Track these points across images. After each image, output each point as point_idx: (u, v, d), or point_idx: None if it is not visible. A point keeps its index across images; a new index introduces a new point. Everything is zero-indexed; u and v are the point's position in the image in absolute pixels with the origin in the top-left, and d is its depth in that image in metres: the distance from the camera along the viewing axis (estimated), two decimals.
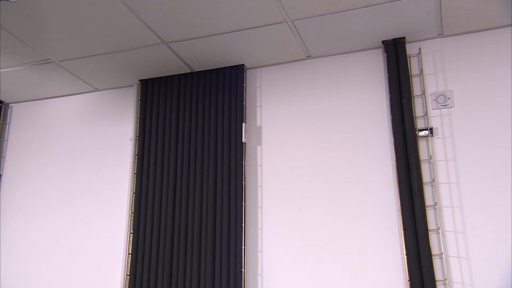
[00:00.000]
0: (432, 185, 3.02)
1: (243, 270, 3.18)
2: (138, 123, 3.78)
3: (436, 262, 2.87)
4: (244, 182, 3.38)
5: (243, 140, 3.47)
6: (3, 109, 4.25)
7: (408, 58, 3.27)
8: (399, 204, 2.99)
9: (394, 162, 3.14)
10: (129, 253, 3.43)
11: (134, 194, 3.57)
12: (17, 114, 4.28)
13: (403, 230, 2.92)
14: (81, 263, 3.60)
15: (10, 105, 4.31)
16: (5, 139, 4.20)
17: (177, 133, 3.62)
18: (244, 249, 3.23)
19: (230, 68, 3.63)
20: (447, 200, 2.98)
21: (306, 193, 3.30)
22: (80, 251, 3.64)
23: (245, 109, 3.58)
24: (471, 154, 3.01)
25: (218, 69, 3.66)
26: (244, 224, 3.29)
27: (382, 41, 3.33)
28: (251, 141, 3.57)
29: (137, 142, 3.72)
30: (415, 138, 3.06)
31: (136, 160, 3.66)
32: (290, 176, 3.38)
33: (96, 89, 4.08)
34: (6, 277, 3.71)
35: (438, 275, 2.83)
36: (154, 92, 3.78)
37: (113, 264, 3.52)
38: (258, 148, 3.54)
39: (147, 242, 3.39)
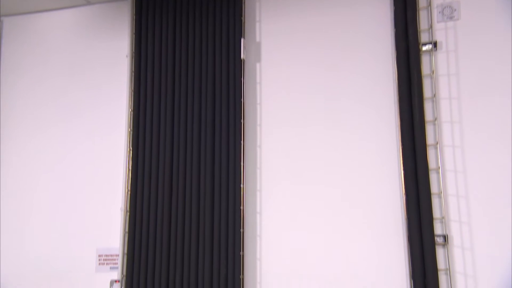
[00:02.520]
0: (433, 100, 2.98)
1: (242, 185, 3.22)
2: (133, 39, 3.66)
3: (433, 177, 2.90)
4: (243, 99, 3.34)
5: (242, 57, 3.39)
6: None
7: None
8: (399, 119, 2.97)
9: (395, 77, 3.07)
10: (129, 169, 3.46)
11: (132, 111, 3.54)
12: (9, 28, 4.15)
13: (402, 145, 2.92)
14: (81, 180, 3.65)
15: (2, 18, 4.17)
16: None
17: (174, 49, 3.53)
18: (243, 166, 3.26)
19: None
20: (447, 115, 2.95)
21: (306, 110, 3.27)
22: (80, 168, 3.68)
23: (244, 24, 3.45)
24: (475, 69, 2.94)
25: None
26: (243, 142, 3.29)
27: None
28: (250, 57, 3.48)
29: (133, 59, 3.63)
30: (418, 53, 2.97)
31: (133, 77, 3.59)
32: (289, 94, 3.33)
33: (89, 3, 3.93)
34: (5, 194, 3.78)
35: (434, 188, 2.88)
36: (149, 7, 3.63)
37: (113, 181, 3.56)
38: (257, 65, 3.46)
39: (147, 159, 3.41)
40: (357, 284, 2.93)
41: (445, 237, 2.80)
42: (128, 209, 3.39)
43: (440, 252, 2.79)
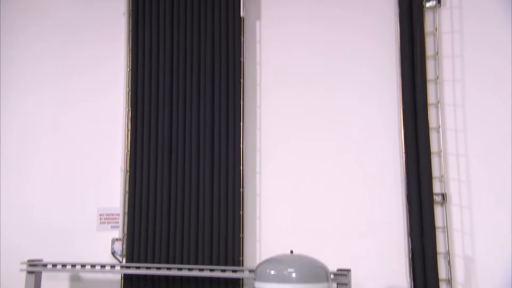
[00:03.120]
0: (435, 59, 2.94)
1: (241, 145, 3.22)
2: None
3: (433, 136, 2.89)
4: (242, 58, 3.29)
5: (241, 15, 3.32)
6: None
7: None
8: (400, 78, 2.94)
9: (397, 36, 3.02)
10: (128, 129, 3.45)
11: (130, 71, 3.49)
12: None
13: (402, 104, 2.90)
14: (81, 140, 3.64)
15: None
16: None
17: (172, 7, 3.45)
18: (243, 126, 3.24)
19: None
20: (450, 73, 2.91)
21: (306, 71, 3.23)
22: (79, 127, 3.66)
23: None
24: (479, 26, 2.88)
25: None
26: (243, 102, 3.26)
27: None
28: (249, 15, 3.41)
29: (130, 17, 3.55)
30: (421, 9, 2.91)
31: (130, 36, 3.53)
32: (289, 53, 3.28)
33: None
34: (6, 152, 3.78)
35: (434, 147, 2.87)
36: None
37: (113, 141, 3.54)
38: (257, 23, 3.40)
39: (146, 119, 3.38)
40: (355, 241, 2.97)
41: (443, 196, 2.81)
42: (128, 169, 3.40)
43: (438, 211, 2.81)
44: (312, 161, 3.15)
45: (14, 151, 3.78)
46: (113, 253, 3.34)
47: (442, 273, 2.75)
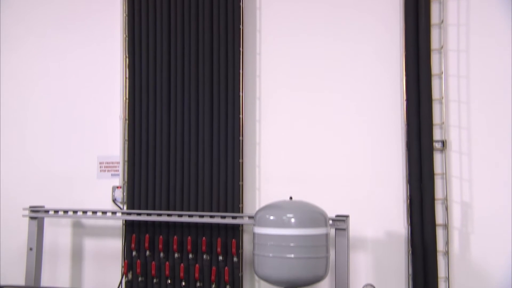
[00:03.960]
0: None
1: (241, 93, 3.18)
2: None
3: (435, 82, 2.85)
4: (242, 3, 3.20)
5: None
6: None
7: None
8: (403, 23, 2.87)
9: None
10: (126, 77, 3.40)
11: (126, 16, 3.40)
12: None
13: (405, 50, 2.85)
14: (79, 88, 3.59)
15: None
16: None
17: None
18: (242, 73, 3.19)
19: None
20: (454, 17, 2.84)
21: (307, 19, 3.15)
22: (76, 76, 3.61)
23: None
24: None
25: None
26: (242, 48, 3.20)
27: None
28: None
29: None
30: None
31: None
32: None
33: None
34: (4, 101, 3.75)
35: (436, 93, 2.84)
36: None
37: (111, 89, 3.49)
38: None
39: (144, 66, 3.32)
40: (354, 188, 2.99)
41: (443, 143, 2.81)
42: (126, 117, 3.38)
43: (437, 157, 2.82)
44: (312, 110, 3.12)
45: (12, 99, 3.74)
46: (114, 201, 3.38)
47: (439, 218, 2.79)
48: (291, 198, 2.53)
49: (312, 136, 3.11)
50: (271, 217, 2.40)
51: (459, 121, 2.81)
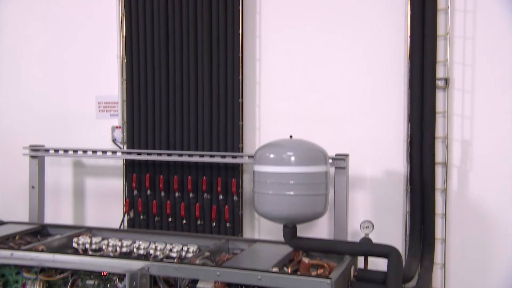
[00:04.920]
0: None
1: (240, 31, 3.10)
2: None
3: (440, 18, 2.77)
4: None
5: None
6: None
7: None
8: None
9: None
10: (122, 14, 3.31)
11: None
12: None
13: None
14: (74, 28, 3.51)
15: None
16: None
17: None
18: (242, 10, 3.09)
19: None
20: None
21: None
22: (71, 16, 3.51)
23: None
24: None
25: None
26: None
27: None
28: None
29: None
30: None
31: None
32: None
33: None
34: (3, 38, 3.68)
35: (441, 29, 2.76)
36: None
37: (107, 27, 3.41)
38: None
39: (140, 2, 3.22)
40: (355, 127, 2.98)
41: (446, 80, 2.76)
42: (124, 56, 3.31)
43: (440, 96, 2.78)
44: (313, 48, 3.05)
45: (7, 39, 3.66)
46: (114, 141, 3.38)
47: (439, 157, 2.79)
48: (291, 136, 2.52)
49: (313, 75, 3.06)
50: (271, 155, 2.40)
51: (463, 58, 2.75)
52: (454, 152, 2.79)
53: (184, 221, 3.20)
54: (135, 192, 3.28)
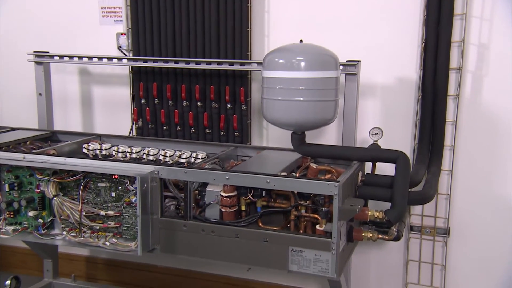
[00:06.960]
0: None
1: None
2: None
3: None
4: None
5: None
6: None
7: None
8: None
9: None
10: None
11: None
12: None
13: None
14: None
15: None
16: None
17: None
18: None
19: None
20: None
21: None
22: None
23: None
24: None
25: None
26: None
27: None
28: None
29: None
30: None
31: None
32: None
33: None
34: None
35: None
36: None
37: None
38: None
39: None
40: (368, 34, 2.86)
41: None
42: None
43: None
44: None
45: None
46: (119, 48, 3.29)
47: (454, 62, 2.71)
48: (301, 41, 2.44)
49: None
50: (280, 60, 2.34)
51: None
52: (470, 57, 2.69)
53: (193, 130, 3.20)
54: (142, 100, 3.26)
